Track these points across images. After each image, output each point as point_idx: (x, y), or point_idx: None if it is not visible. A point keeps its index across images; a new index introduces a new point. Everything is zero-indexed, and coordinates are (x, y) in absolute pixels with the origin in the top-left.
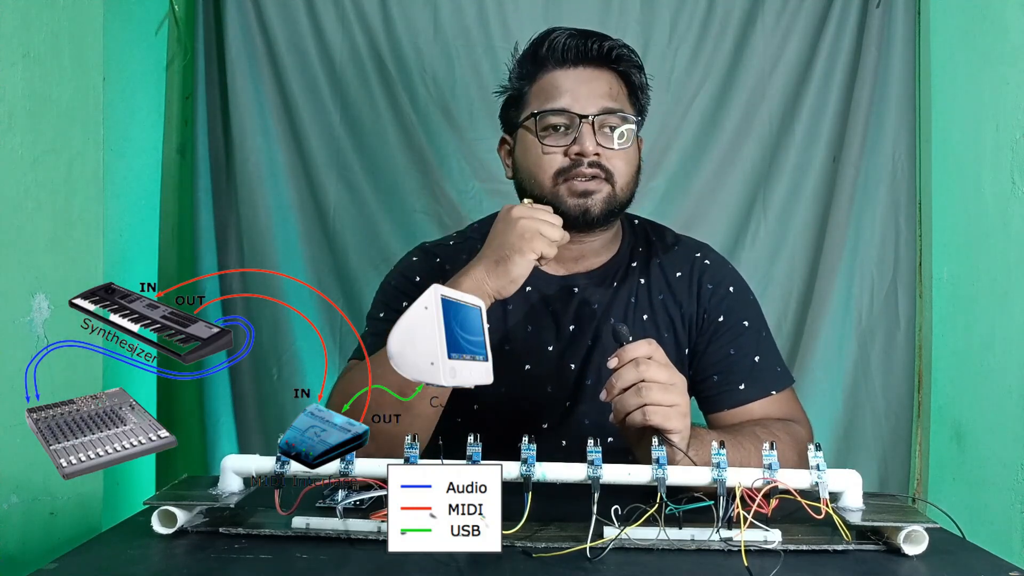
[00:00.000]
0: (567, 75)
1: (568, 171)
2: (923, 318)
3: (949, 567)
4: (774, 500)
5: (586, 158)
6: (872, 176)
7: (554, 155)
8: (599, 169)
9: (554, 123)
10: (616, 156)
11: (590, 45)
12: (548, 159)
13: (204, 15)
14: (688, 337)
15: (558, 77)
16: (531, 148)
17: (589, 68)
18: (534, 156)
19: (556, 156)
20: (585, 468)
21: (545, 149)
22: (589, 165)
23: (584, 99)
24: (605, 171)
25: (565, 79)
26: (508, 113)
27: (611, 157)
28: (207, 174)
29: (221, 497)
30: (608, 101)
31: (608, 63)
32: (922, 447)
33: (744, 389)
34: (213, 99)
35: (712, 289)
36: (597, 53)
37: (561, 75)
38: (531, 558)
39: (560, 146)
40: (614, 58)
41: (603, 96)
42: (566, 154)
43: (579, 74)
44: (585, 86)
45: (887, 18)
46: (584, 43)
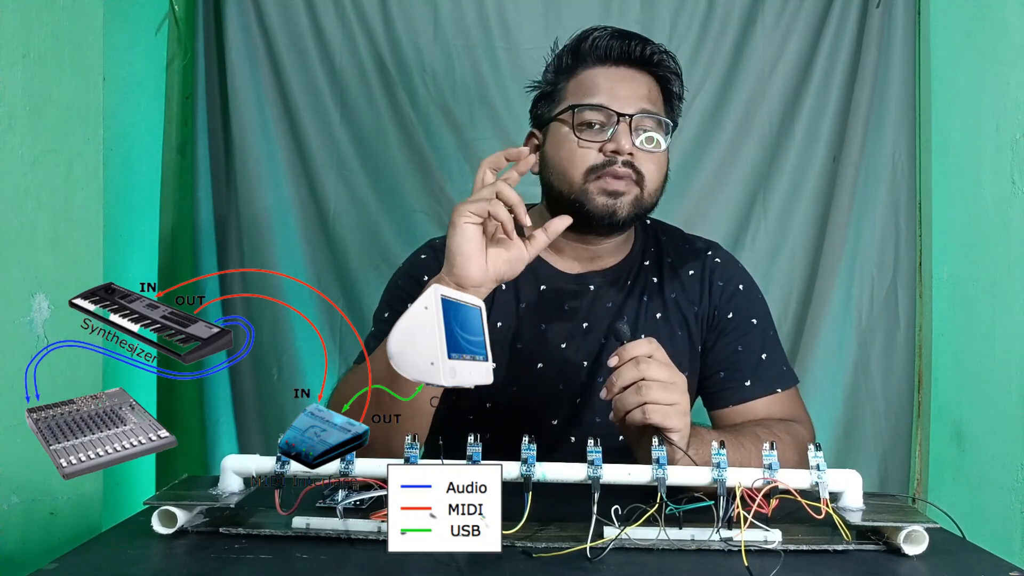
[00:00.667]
0: (607, 73)
1: (601, 168)
2: (923, 318)
3: (949, 567)
4: (774, 500)
5: (621, 156)
6: (872, 176)
7: (588, 150)
8: (631, 170)
9: (590, 119)
10: (649, 159)
11: (632, 46)
12: (582, 154)
13: (204, 15)
14: (700, 334)
15: (598, 75)
16: (565, 142)
17: (630, 69)
18: (567, 150)
19: (590, 152)
20: (585, 468)
21: (581, 143)
22: (623, 164)
23: (623, 98)
24: (637, 172)
25: (605, 77)
26: (539, 107)
27: (644, 160)
28: (207, 174)
29: (221, 497)
30: (646, 103)
31: (649, 66)
32: (922, 447)
33: (750, 386)
34: (213, 99)
35: (722, 286)
36: (639, 55)
37: (601, 73)
38: (531, 558)
39: (596, 142)
40: (655, 62)
41: (642, 98)
42: (601, 150)
43: (619, 73)
44: (625, 86)
45: (887, 18)
46: (627, 44)
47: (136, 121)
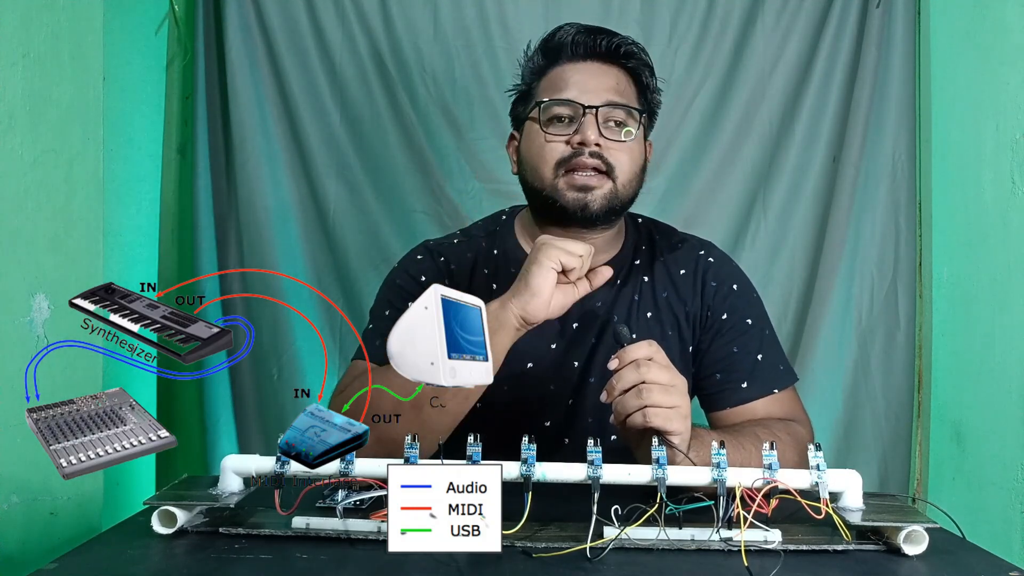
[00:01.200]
0: (576, 69)
1: (569, 160)
2: (923, 318)
3: (949, 567)
4: (774, 500)
5: (587, 147)
6: (872, 176)
7: (556, 144)
8: (600, 161)
9: (559, 113)
10: (619, 149)
11: (599, 41)
12: (550, 148)
13: (204, 15)
14: (692, 335)
15: (567, 71)
16: (535, 138)
17: (598, 63)
18: (537, 146)
19: (558, 145)
20: (585, 468)
21: (548, 138)
22: (590, 155)
23: (591, 91)
24: (606, 164)
25: (574, 72)
26: (517, 109)
27: (613, 150)
28: (207, 174)
29: (221, 497)
30: (614, 95)
31: (617, 59)
32: (922, 447)
33: (747, 387)
34: (213, 99)
35: (716, 287)
36: (606, 49)
37: (570, 69)
38: (531, 558)
39: (563, 135)
40: (623, 54)
41: (609, 90)
42: (568, 143)
43: (588, 68)
44: (593, 79)
45: (887, 18)
46: (593, 39)
47: (136, 121)
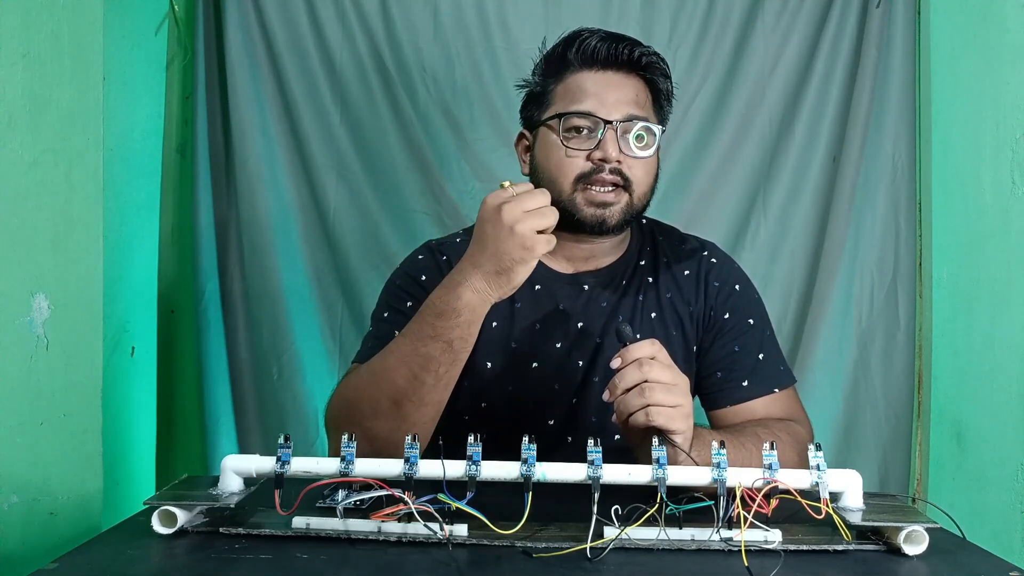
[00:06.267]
0: (594, 78)
1: (589, 176)
2: (923, 318)
3: (949, 567)
4: (774, 500)
5: (608, 164)
6: (872, 176)
7: (576, 159)
8: (619, 176)
9: (578, 125)
10: (637, 164)
11: (620, 49)
12: (570, 163)
13: (204, 15)
14: (695, 335)
15: (585, 79)
16: (553, 150)
17: (617, 73)
18: (556, 159)
19: (578, 160)
20: (585, 468)
21: (568, 152)
22: (610, 171)
23: (610, 104)
24: (625, 179)
25: (592, 82)
26: (529, 109)
27: (632, 165)
28: (207, 174)
29: (221, 497)
30: (634, 108)
31: (636, 69)
32: (922, 447)
33: (747, 386)
34: (213, 99)
35: (719, 287)
36: (627, 58)
37: (588, 77)
38: (531, 558)
39: (583, 150)
40: (643, 65)
41: (629, 103)
42: (588, 158)
43: (606, 78)
44: (612, 91)
45: (887, 18)
46: (614, 47)
47: (136, 121)
